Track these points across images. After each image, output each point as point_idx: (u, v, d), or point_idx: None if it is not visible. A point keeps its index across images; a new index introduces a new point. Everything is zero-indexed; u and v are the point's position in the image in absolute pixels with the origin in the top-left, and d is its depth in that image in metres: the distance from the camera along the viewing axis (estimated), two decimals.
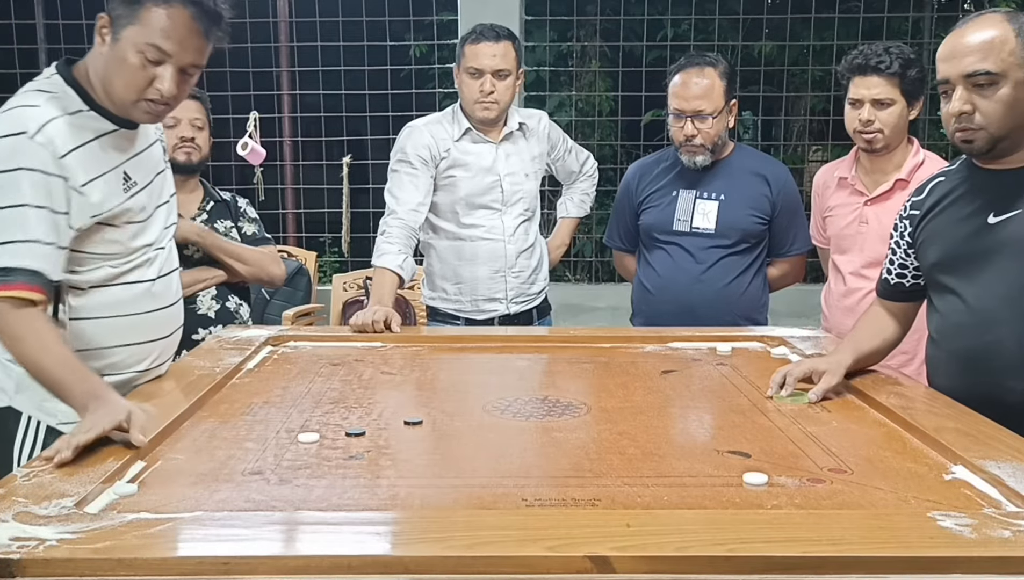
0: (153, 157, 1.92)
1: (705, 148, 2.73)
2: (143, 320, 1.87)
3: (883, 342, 2.06)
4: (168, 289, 1.94)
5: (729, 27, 4.99)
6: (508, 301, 2.88)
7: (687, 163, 2.77)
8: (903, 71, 2.50)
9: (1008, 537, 1.14)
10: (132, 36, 1.65)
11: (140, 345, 1.88)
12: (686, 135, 2.72)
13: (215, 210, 2.94)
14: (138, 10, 1.65)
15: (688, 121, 2.70)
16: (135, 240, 1.84)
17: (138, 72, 1.67)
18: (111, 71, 1.69)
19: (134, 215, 1.82)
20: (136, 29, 1.65)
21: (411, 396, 2.00)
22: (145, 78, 1.68)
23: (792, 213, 2.84)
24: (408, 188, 2.74)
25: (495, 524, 1.19)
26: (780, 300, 3.09)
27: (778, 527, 1.18)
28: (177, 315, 2.00)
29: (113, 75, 1.69)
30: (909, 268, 2.03)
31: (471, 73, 2.73)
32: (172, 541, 1.13)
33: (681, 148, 2.76)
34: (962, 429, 1.62)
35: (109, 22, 1.68)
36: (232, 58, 4.71)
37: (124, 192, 1.79)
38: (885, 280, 2.09)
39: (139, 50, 1.66)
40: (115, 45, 1.67)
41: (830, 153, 4.77)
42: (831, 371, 1.92)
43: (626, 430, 1.66)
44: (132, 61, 1.67)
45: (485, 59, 2.71)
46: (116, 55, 1.67)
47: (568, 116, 4.97)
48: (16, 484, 1.29)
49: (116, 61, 1.68)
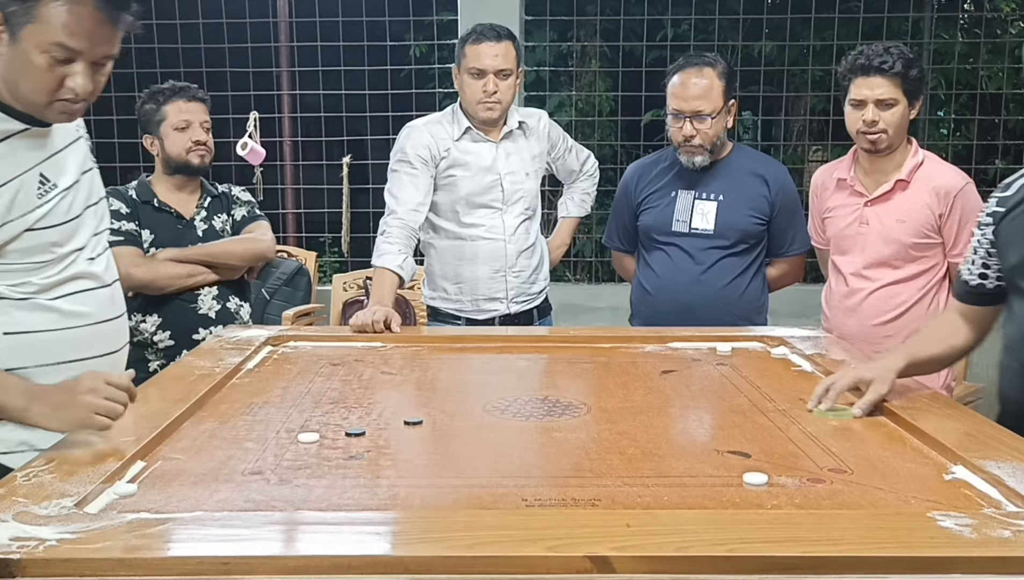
0: (78, 155, 1.76)
1: (704, 148, 2.73)
2: (81, 335, 1.72)
3: (949, 349, 1.91)
4: (109, 301, 1.79)
5: (729, 27, 4.98)
6: (508, 301, 2.88)
7: (686, 163, 2.77)
8: (905, 71, 2.50)
9: (1008, 537, 1.14)
10: (33, 36, 1.50)
11: (81, 361, 1.70)
12: (685, 135, 2.71)
13: (212, 205, 2.95)
14: (34, 7, 1.48)
15: (687, 121, 2.70)
16: (62, 246, 1.68)
17: (46, 74, 1.52)
18: (15, 73, 1.54)
19: (56, 218, 1.67)
20: (36, 28, 1.49)
21: (411, 396, 2.00)
22: (55, 79, 1.53)
23: (791, 213, 2.84)
24: (408, 188, 2.74)
25: (495, 524, 1.19)
26: (780, 300, 3.08)
27: (778, 527, 1.18)
28: (122, 331, 1.85)
29: (18, 77, 1.54)
30: (991, 268, 1.87)
31: (474, 74, 2.73)
32: (172, 541, 1.13)
33: (680, 148, 2.76)
34: (962, 429, 1.62)
35: (2, 20, 1.50)
36: (232, 58, 4.71)
37: (39, 196, 1.64)
38: (964, 282, 1.92)
39: (43, 50, 1.50)
40: (15, 46, 1.51)
41: (830, 153, 4.77)
42: (879, 379, 1.74)
43: (626, 430, 1.66)
44: (38, 63, 1.51)
45: (488, 59, 2.71)
46: (18, 57, 1.52)
47: (568, 116, 4.96)
48: (16, 484, 1.29)
49: (19, 63, 1.52)
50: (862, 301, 2.62)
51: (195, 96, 2.88)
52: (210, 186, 2.99)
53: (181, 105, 2.85)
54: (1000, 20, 5.40)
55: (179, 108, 2.85)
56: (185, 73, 3.28)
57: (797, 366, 2.19)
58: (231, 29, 4.70)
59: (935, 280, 2.60)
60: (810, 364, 2.17)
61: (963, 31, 5.51)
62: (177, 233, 2.86)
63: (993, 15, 5.38)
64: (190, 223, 2.89)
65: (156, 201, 2.87)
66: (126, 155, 4.26)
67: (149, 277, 2.73)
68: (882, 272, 2.60)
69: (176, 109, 2.84)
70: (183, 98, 2.86)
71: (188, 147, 2.83)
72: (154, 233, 2.83)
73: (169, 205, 2.88)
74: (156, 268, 2.76)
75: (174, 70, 4.20)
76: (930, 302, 2.60)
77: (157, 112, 2.85)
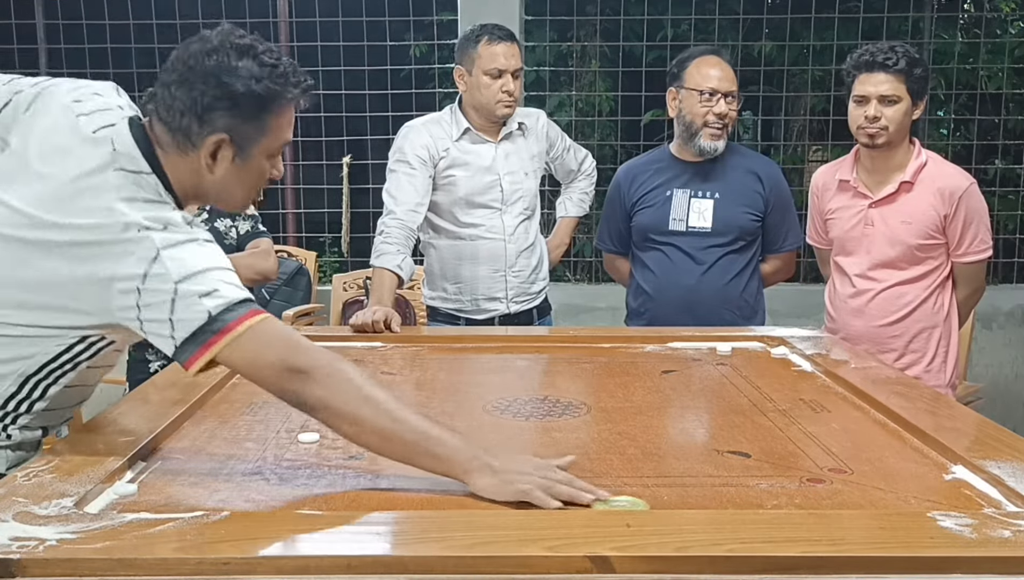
0: None
1: (726, 131, 2.73)
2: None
3: None
4: None
5: (729, 27, 4.98)
6: (508, 300, 2.87)
7: (707, 148, 2.73)
8: (909, 68, 2.50)
9: (1008, 537, 1.14)
10: (265, 147, 1.50)
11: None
12: (718, 113, 2.69)
13: (214, 209, 2.94)
14: (267, 120, 1.47)
15: (722, 99, 2.69)
16: None
17: (267, 173, 1.55)
18: (234, 184, 1.53)
19: None
20: (268, 139, 1.49)
21: (411, 396, 2.00)
22: (269, 175, 1.56)
23: (784, 209, 2.85)
24: (406, 188, 2.74)
25: (495, 524, 1.19)
26: (780, 300, 3.09)
27: (778, 527, 1.18)
28: None
29: (238, 188, 1.54)
30: None
31: (493, 74, 2.74)
32: (172, 541, 1.13)
33: (704, 131, 2.72)
34: (962, 429, 1.62)
35: (228, 142, 1.46)
36: None
37: None
38: None
39: (272, 155, 1.53)
40: (244, 162, 1.49)
41: (830, 153, 4.77)
42: None
43: (626, 430, 1.66)
44: (266, 167, 1.53)
45: (506, 59, 2.74)
46: (245, 170, 1.50)
47: (568, 116, 4.96)
48: (16, 484, 1.29)
49: (244, 175, 1.51)
50: (869, 302, 2.62)
51: None
52: None
53: None
54: (1000, 20, 5.40)
55: None
56: None
57: (797, 366, 2.19)
58: None
59: (940, 280, 2.61)
60: (810, 364, 2.17)
61: (963, 31, 5.50)
62: None
63: (993, 15, 5.38)
64: None
65: None
66: None
67: None
68: (888, 273, 2.60)
69: None
70: None
71: None
72: None
73: None
74: None
75: None
76: (935, 302, 2.60)
77: None
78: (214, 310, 1.36)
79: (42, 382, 1.48)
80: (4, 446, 1.50)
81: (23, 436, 1.52)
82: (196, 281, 1.37)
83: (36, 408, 1.50)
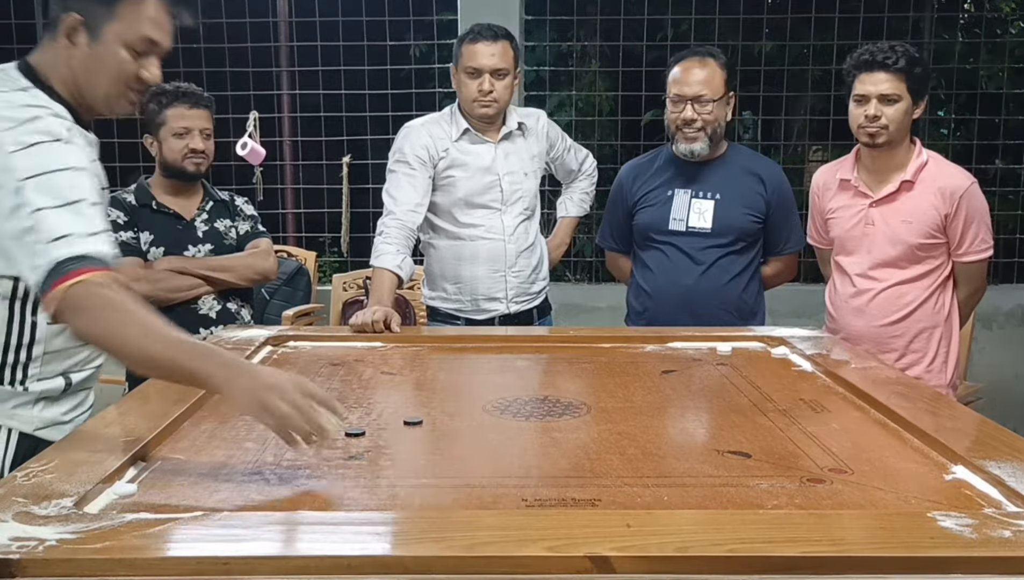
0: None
1: (704, 133, 2.71)
2: None
3: None
4: None
5: (729, 27, 4.98)
6: (508, 300, 2.87)
7: (683, 152, 2.75)
8: (909, 68, 2.50)
9: (1008, 537, 1.14)
10: (117, 33, 1.59)
11: None
12: (685, 118, 2.70)
13: (214, 210, 2.95)
14: (116, 5, 1.58)
15: (688, 105, 2.69)
16: None
17: (128, 66, 1.61)
18: (93, 70, 1.62)
19: None
20: (120, 25, 1.59)
21: (411, 396, 2.00)
22: (133, 71, 1.63)
23: (787, 211, 2.84)
24: (406, 188, 2.74)
25: (495, 524, 1.19)
26: (780, 300, 3.09)
27: (778, 527, 1.18)
28: None
29: (96, 74, 1.62)
30: None
31: (469, 73, 2.73)
32: (172, 541, 1.13)
33: (678, 135, 2.74)
34: (962, 429, 1.62)
35: (81, 23, 1.59)
36: (232, 58, 4.71)
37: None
38: None
39: (128, 45, 1.60)
40: (96, 45, 1.60)
41: (830, 153, 4.77)
42: None
43: (626, 430, 1.66)
44: (123, 57, 1.61)
45: (483, 59, 2.71)
46: (99, 54, 1.60)
47: (568, 116, 4.96)
48: (16, 484, 1.29)
49: (99, 60, 1.61)
50: (870, 301, 2.62)
51: (198, 102, 2.86)
52: (212, 190, 3.00)
53: (183, 111, 2.84)
54: (1000, 20, 5.40)
55: (180, 114, 2.84)
56: (185, 73, 3.27)
57: (797, 366, 2.19)
58: (231, 29, 4.69)
59: (940, 279, 2.61)
60: (810, 364, 2.17)
61: (963, 31, 5.51)
62: (177, 233, 2.86)
63: (993, 15, 5.38)
64: (190, 224, 2.89)
65: (155, 203, 2.87)
66: (126, 155, 4.26)
67: (149, 292, 2.70)
68: (889, 272, 2.60)
69: (177, 115, 2.83)
70: (186, 104, 2.85)
71: (184, 154, 2.83)
72: (153, 234, 2.83)
73: (168, 207, 2.88)
74: (157, 283, 2.75)
75: (174, 70, 4.16)
76: (936, 302, 2.60)
77: (159, 114, 2.85)
78: None
79: (18, 322, 1.54)
80: (27, 401, 1.55)
81: (43, 387, 1.56)
82: None
83: (36, 353, 1.55)
